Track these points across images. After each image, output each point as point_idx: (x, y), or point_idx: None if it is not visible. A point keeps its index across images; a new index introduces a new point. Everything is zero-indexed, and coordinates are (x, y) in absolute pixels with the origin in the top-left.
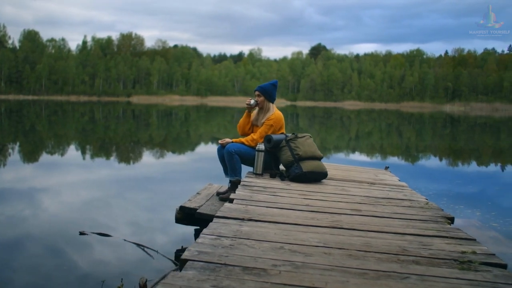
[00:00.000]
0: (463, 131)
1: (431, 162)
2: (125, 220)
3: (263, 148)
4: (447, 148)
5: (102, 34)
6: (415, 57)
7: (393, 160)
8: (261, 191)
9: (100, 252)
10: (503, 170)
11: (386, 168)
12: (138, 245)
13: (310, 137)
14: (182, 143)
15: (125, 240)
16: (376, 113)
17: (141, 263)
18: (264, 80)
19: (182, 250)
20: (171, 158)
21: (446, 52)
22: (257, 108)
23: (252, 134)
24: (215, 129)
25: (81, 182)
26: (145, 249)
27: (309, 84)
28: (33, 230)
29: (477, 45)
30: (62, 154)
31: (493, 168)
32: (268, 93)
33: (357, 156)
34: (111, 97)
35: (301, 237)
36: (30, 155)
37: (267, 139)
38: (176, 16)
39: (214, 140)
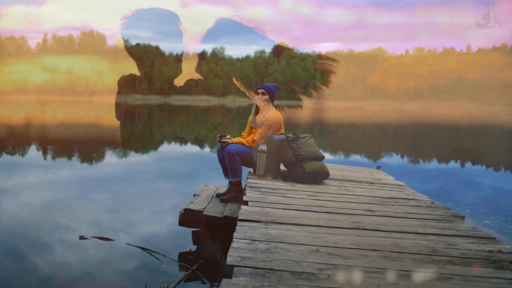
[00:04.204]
0: (425, 129)
1: (396, 160)
2: (121, 223)
3: (266, 149)
4: (412, 148)
5: (63, 33)
6: (377, 56)
7: (361, 159)
8: (270, 193)
9: (106, 257)
10: (462, 167)
11: (378, 167)
12: (143, 249)
13: (311, 137)
14: (156, 143)
15: (128, 244)
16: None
17: (151, 267)
18: (227, 80)
19: (190, 253)
20: (154, 159)
21: (407, 51)
22: (253, 109)
23: (252, 135)
24: (179, 129)
25: (53, 184)
26: (152, 253)
27: (272, 83)
28: (30, 236)
29: (437, 44)
30: (28, 155)
31: (455, 165)
32: (273, 93)
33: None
34: (73, 96)
35: (331, 239)
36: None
37: (268, 140)
38: (137, 14)
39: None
